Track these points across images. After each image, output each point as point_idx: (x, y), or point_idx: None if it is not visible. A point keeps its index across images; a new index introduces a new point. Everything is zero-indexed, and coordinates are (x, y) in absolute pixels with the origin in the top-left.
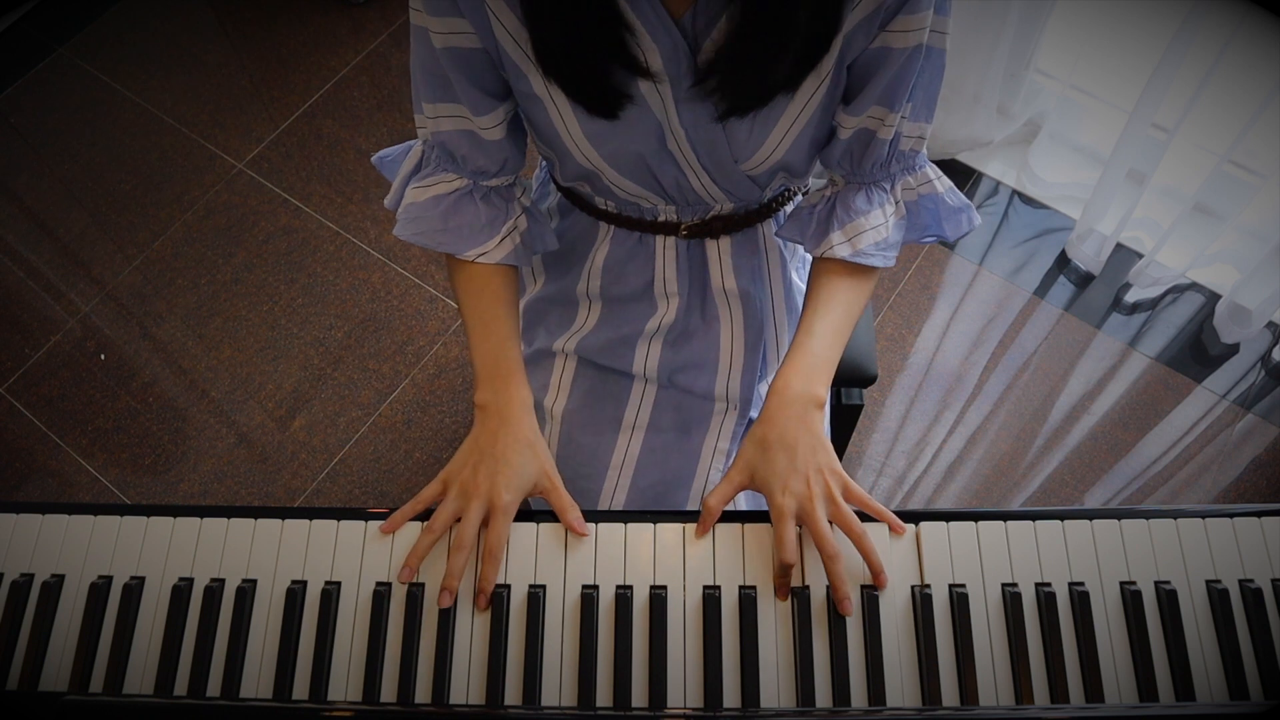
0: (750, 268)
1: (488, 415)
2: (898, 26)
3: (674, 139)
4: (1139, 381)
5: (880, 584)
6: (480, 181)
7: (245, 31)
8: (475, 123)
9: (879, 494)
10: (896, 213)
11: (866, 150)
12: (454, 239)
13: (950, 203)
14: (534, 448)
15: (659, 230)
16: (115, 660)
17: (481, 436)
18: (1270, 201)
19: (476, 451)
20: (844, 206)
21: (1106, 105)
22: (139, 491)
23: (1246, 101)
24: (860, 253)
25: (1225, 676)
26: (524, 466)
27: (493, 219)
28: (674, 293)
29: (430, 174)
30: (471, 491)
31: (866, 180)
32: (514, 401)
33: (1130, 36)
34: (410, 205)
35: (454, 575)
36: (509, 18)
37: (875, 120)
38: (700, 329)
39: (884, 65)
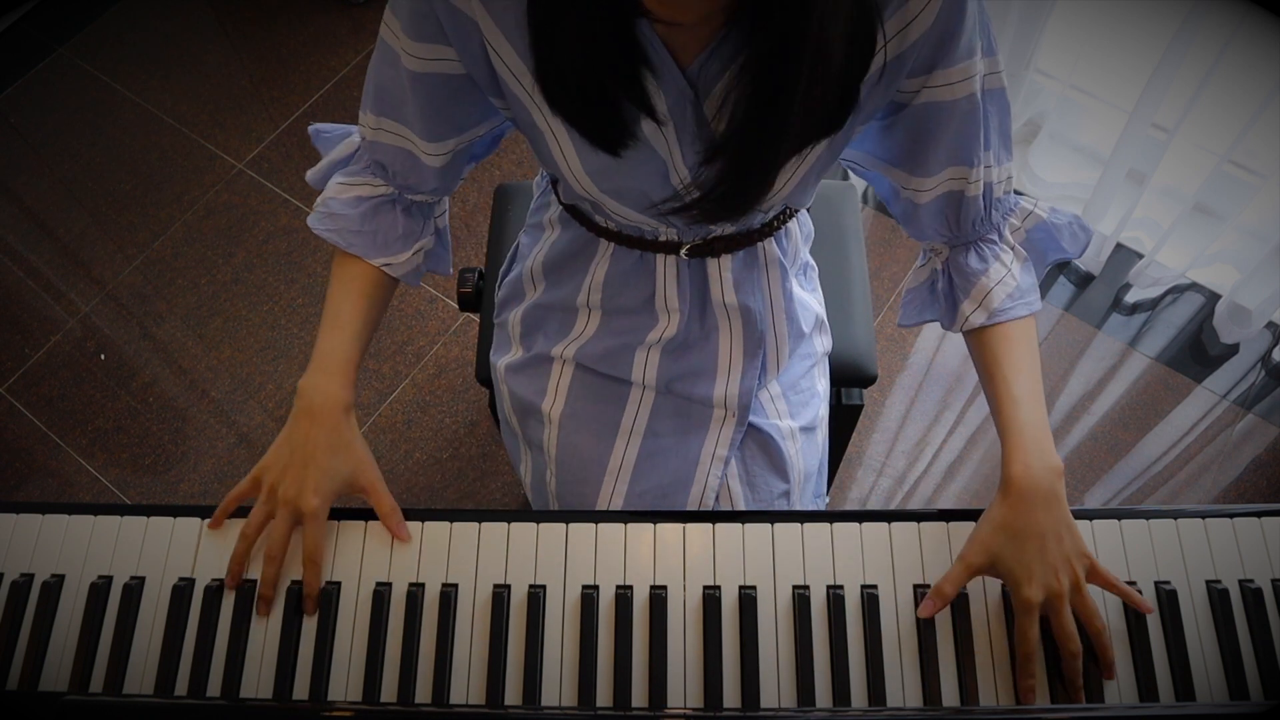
0: (750, 282)
1: (301, 409)
2: (939, 81)
3: (677, 177)
4: (1139, 381)
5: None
6: (405, 194)
7: (245, 31)
8: (420, 147)
9: (879, 494)
10: (1017, 257)
11: (960, 212)
12: (367, 243)
13: (1058, 222)
14: (350, 447)
15: (660, 249)
16: (115, 660)
17: (294, 434)
18: (1270, 201)
19: (287, 449)
20: (959, 273)
21: (1106, 105)
22: (139, 491)
23: (1246, 101)
24: (997, 312)
25: (1225, 676)
26: (335, 468)
27: (409, 232)
28: (675, 308)
29: (358, 172)
30: (280, 496)
31: (972, 239)
32: (331, 399)
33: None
34: (330, 200)
35: (268, 584)
36: (510, 54)
37: (958, 180)
38: (700, 339)
39: (940, 122)
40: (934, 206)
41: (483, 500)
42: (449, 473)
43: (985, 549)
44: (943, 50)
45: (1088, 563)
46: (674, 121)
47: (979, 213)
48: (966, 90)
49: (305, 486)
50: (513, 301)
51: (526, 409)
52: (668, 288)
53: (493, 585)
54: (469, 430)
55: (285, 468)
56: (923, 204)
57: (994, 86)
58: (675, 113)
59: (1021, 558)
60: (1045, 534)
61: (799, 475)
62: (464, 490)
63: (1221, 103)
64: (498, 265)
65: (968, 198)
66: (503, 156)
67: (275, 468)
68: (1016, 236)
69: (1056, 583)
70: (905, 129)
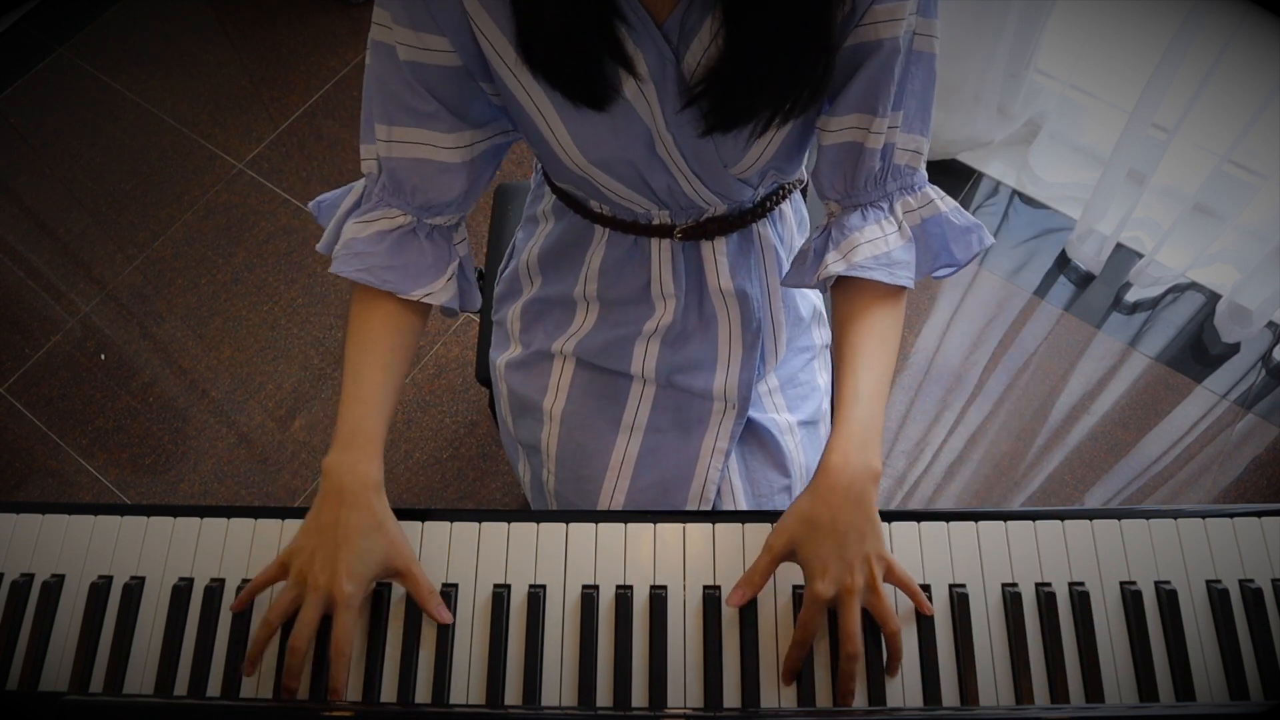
0: (746, 267)
1: (330, 489)
2: (871, 18)
3: (662, 145)
4: (1139, 381)
5: (892, 672)
6: (424, 219)
7: (245, 31)
8: (439, 143)
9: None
10: (901, 234)
11: (857, 166)
12: (400, 277)
13: (957, 222)
14: (383, 528)
15: (654, 233)
16: (115, 660)
17: (323, 515)
18: (1270, 201)
19: (317, 532)
20: (839, 228)
21: (1106, 105)
22: (139, 491)
23: (1246, 101)
24: (856, 265)
25: (1225, 676)
26: (369, 552)
27: (437, 259)
28: (671, 294)
29: (372, 209)
30: (310, 582)
31: (862, 200)
32: (361, 478)
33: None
34: (351, 240)
35: (293, 677)
36: (491, 28)
37: (860, 130)
38: (698, 330)
39: (862, 63)
40: (833, 154)
41: (483, 500)
42: (449, 473)
43: (788, 536)
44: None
45: (885, 564)
46: (654, 82)
47: (872, 171)
48: (890, 33)
49: (338, 571)
50: (510, 297)
51: (526, 406)
52: (663, 273)
53: (493, 585)
54: (469, 430)
55: (315, 551)
56: (825, 145)
57: (923, 49)
58: (655, 72)
59: (819, 551)
60: (847, 531)
61: (800, 470)
62: (464, 490)
63: (1221, 103)
64: (497, 264)
65: (866, 149)
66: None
67: (304, 551)
68: (910, 219)
69: (849, 579)
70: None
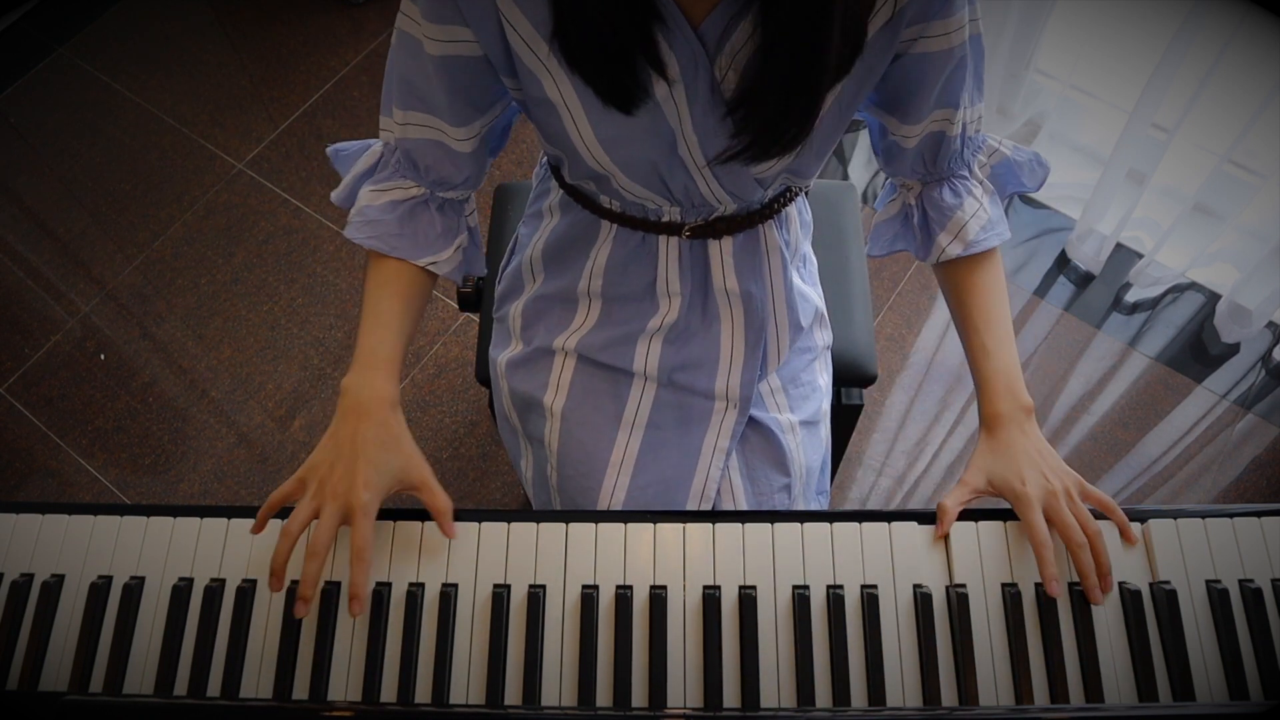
0: (751, 267)
1: (348, 406)
2: (936, 31)
3: (685, 146)
4: (1139, 381)
5: (1106, 587)
6: (437, 192)
7: (245, 31)
8: (449, 134)
9: (879, 494)
10: (986, 190)
11: (939, 151)
12: (409, 245)
13: (1019, 159)
14: (399, 442)
15: (662, 230)
16: (115, 660)
17: (340, 430)
18: (1270, 201)
19: (334, 447)
20: (934, 208)
21: (1106, 105)
22: (139, 491)
23: (1246, 101)
24: (972, 244)
25: (1225, 676)
26: (386, 462)
27: (447, 229)
28: (676, 292)
29: (387, 178)
30: (328, 491)
31: (945, 175)
32: (378, 395)
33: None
34: (366, 208)
35: (309, 584)
36: (524, 24)
37: (942, 122)
38: (701, 329)
39: (932, 71)
40: (916, 149)
41: (483, 500)
42: (449, 473)
43: (979, 469)
44: (940, 2)
45: (1076, 479)
46: (684, 83)
47: (955, 151)
48: (960, 39)
49: (355, 481)
50: (512, 295)
51: (528, 403)
52: (669, 270)
53: (492, 585)
54: (469, 430)
55: (333, 464)
56: (909, 148)
57: (975, 33)
58: (686, 73)
59: (1012, 468)
60: (1029, 451)
61: (800, 470)
62: (464, 490)
63: (1221, 103)
64: (498, 264)
65: (948, 138)
66: (503, 156)
67: (323, 464)
68: (983, 171)
69: (1049, 483)
70: (899, 77)
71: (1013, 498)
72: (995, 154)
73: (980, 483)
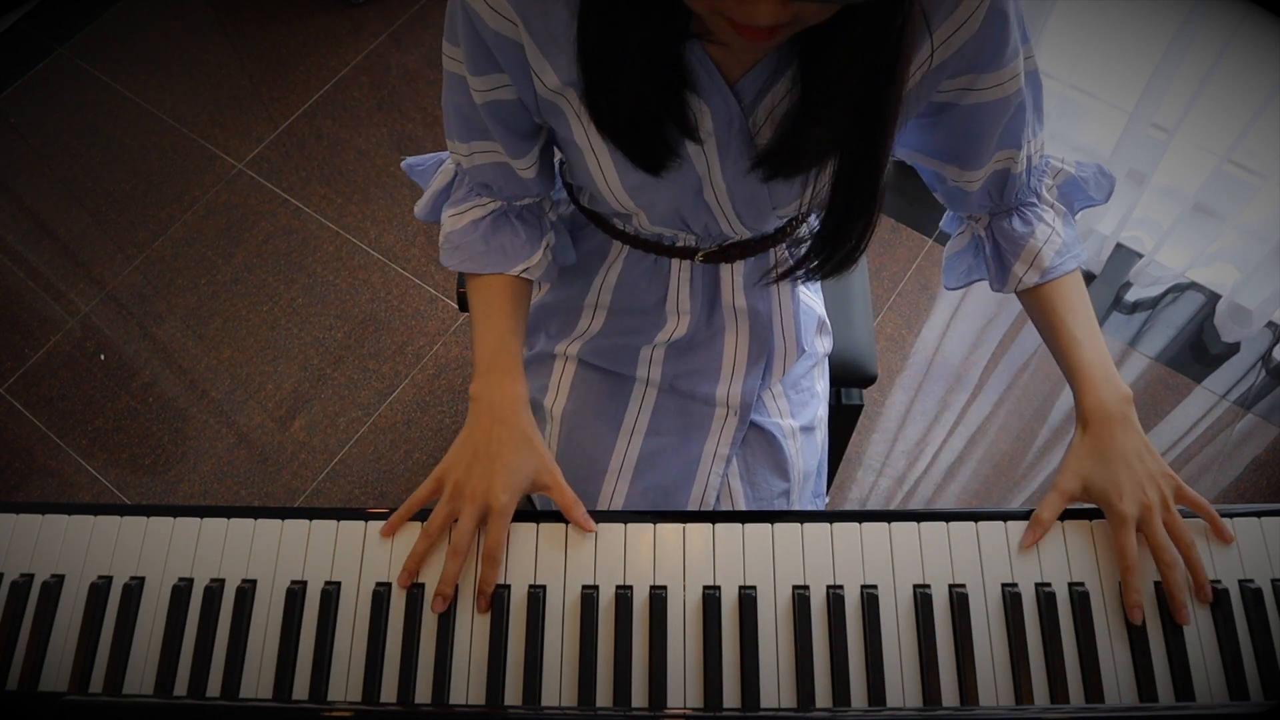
0: (761, 287)
1: (480, 409)
2: (989, 83)
3: (712, 192)
4: (1139, 381)
5: (1203, 598)
6: (514, 202)
7: (245, 31)
8: (512, 163)
9: (879, 494)
10: (1058, 213)
11: (1006, 186)
12: (498, 259)
13: (1084, 175)
14: (531, 443)
15: (675, 254)
16: (115, 660)
17: (475, 432)
18: (1270, 201)
19: (470, 449)
20: (1005, 238)
21: (1106, 105)
22: (139, 491)
23: (1246, 101)
24: (1049, 270)
25: (1225, 676)
26: (521, 464)
27: (530, 236)
28: (685, 310)
29: (463, 199)
30: (466, 493)
31: (1013, 205)
32: (509, 396)
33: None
34: (450, 234)
35: (449, 581)
36: (550, 75)
37: (1006, 161)
38: (705, 339)
39: (989, 121)
40: (982, 189)
41: None
42: None
43: (1076, 474)
44: (986, 57)
45: (1174, 482)
46: (716, 137)
47: (1022, 184)
48: (1015, 87)
49: (493, 482)
50: None
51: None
52: (680, 290)
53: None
54: None
55: (470, 465)
56: (973, 191)
57: (1030, 69)
58: (719, 129)
59: (1111, 476)
60: (1129, 454)
61: (798, 475)
62: None
63: (1221, 103)
64: None
65: (1013, 174)
66: None
67: (459, 467)
68: (1051, 195)
69: (1146, 497)
70: (953, 128)
71: (1108, 511)
72: (1060, 174)
73: (1076, 489)
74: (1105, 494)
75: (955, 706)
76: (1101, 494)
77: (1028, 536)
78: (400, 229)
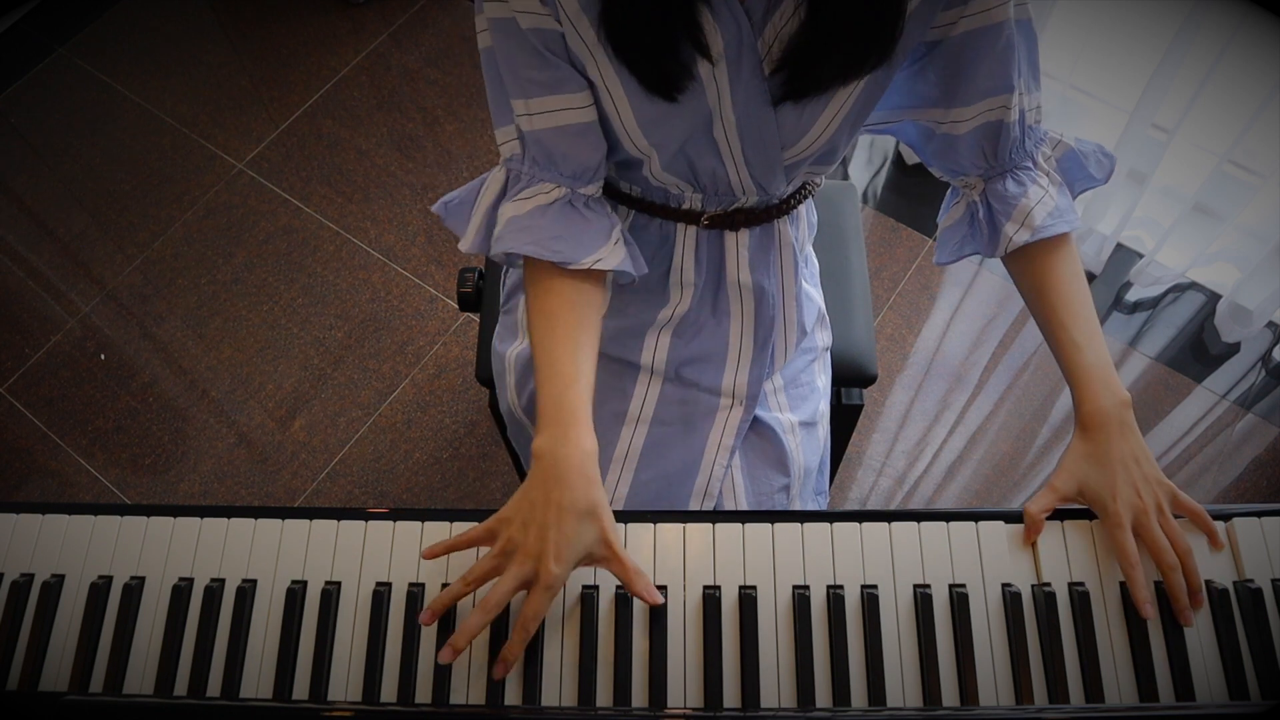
0: (765, 262)
1: (543, 467)
2: (977, 9)
3: (722, 126)
4: (1139, 381)
5: (1197, 604)
6: (577, 189)
7: (245, 31)
8: (575, 106)
9: (879, 494)
10: (1053, 181)
11: (999, 141)
12: (569, 246)
13: (1085, 150)
14: (594, 512)
15: (680, 218)
16: (115, 660)
17: (534, 491)
18: (1270, 201)
19: (528, 506)
20: (999, 199)
21: (1106, 105)
22: (139, 491)
23: (1246, 101)
24: (1040, 228)
25: (1225, 676)
26: (580, 536)
27: (600, 225)
28: (690, 283)
29: (524, 186)
30: (520, 552)
31: (1008, 167)
32: (575, 454)
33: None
34: (513, 219)
35: (467, 635)
36: (572, 4)
37: (998, 109)
38: (710, 323)
39: (979, 49)
40: (972, 138)
41: (483, 500)
42: (449, 473)
43: (1072, 476)
44: None
45: (1169, 489)
46: (727, 60)
47: (1015, 140)
48: (1004, 15)
49: (547, 551)
50: (521, 287)
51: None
52: (685, 260)
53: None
54: (469, 430)
55: (527, 524)
56: (961, 134)
57: (1022, 17)
58: (730, 51)
59: (1106, 480)
60: (1125, 459)
61: (799, 470)
62: (464, 490)
63: (1221, 103)
64: (498, 265)
65: (1006, 125)
66: None
67: (516, 522)
68: (1049, 164)
69: (1141, 501)
70: (942, 64)
71: (1103, 514)
72: (1059, 145)
73: (1072, 490)
74: (1100, 497)
75: (955, 706)
76: (1096, 496)
77: (1027, 534)
78: (400, 229)
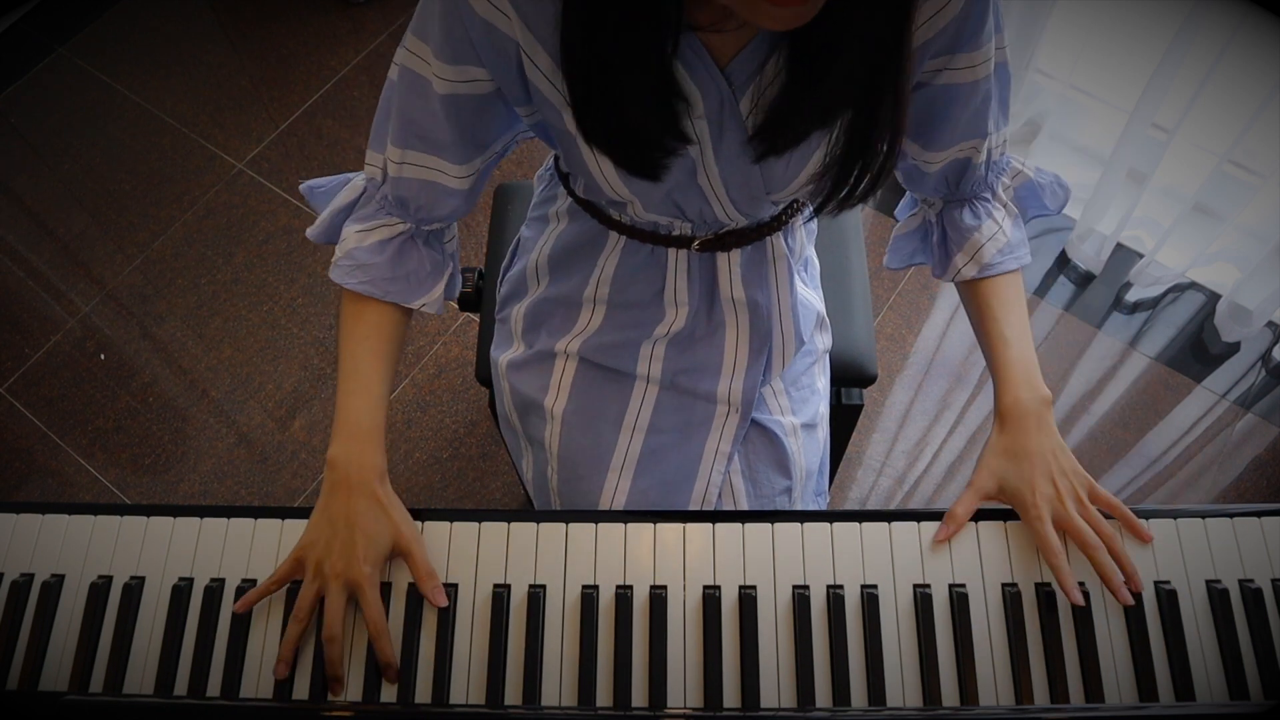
0: (758, 276)
1: (337, 480)
2: (962, 64)
3: (705, 175)
4: (1139, 381)
5: (1136, 586)
6: (422, 226)
7: (245, 31)
8: (449, 172)
9: (879, 494)
10: (1009, 213)
11: (964, 175)
12: (403, 289)
13: (1042, 181)
14: (388, 511)
15: (671, 244)
16: (115, 660)
17: (332, 506)
18: (1270, 201)
19: (328, 524)
20: (953, 227)
21: (1106, 105)
22: (139, 491)
23: (1246, 101)
24: (988, 266)
25: (1225, 676)
26: (379, 534)
27: (435, 265)
28: (684, 302)
29: (371, 215)
30: (329, 571)
31: (968, 197)
32: (365, 468)
33: (1130, 36)
34: (355, 250)
35: (335, 665)
36: (547, 63)
37: (969, 150)
38: (706, 334)
39: (957, 104)
40: (939, 174)
41: (483, 500)
42: (449, 473)
43: (990, 473)
44: (966, 35)
45: (1086, 480)
46: (708, 120)
47: (979, 177)
48: (985, 71)
49: (354, 556)
50: (515, 298)
51: (528, 405)
52: (678, 281)
53: (493, 585)
54: (469, 430)
55: (329, 541)
56: (931, 171)
57: (1001, 60)
58: (710, 110)
59: (1024, 474)
60: (1043, 452)
61: (801, 472)
62: (464, 490)
63: (1221, 103)
64: (497, 264)
65: (973, 164)
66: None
67: (319, 544)
68: (1006, 194)
69: (1055, 492)
70: (921, 106)
71: (1021, 508)
72: (1019, 176)
73: (991, 488)
74: (1019, 491)
75: (955, 706)
76: (1015, 492)
77: (940, 533)
78: None
